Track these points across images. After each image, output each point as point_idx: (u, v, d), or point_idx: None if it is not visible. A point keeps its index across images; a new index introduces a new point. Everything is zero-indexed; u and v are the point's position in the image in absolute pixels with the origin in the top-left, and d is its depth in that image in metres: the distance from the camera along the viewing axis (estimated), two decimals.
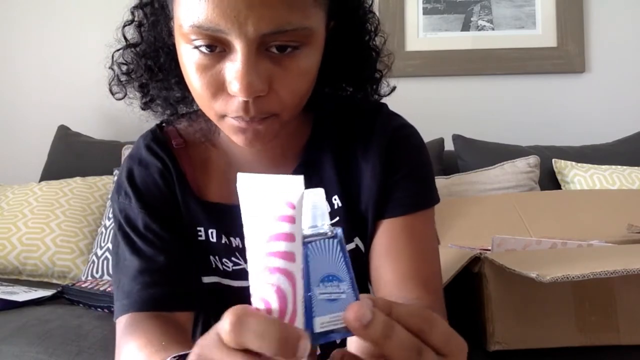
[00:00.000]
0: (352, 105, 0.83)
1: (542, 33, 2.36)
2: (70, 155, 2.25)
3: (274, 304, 0.41)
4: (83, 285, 1.46)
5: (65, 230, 1.85)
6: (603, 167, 1.98)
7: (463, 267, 1.05)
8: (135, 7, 0.77)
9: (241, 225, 0.74)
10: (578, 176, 1.96)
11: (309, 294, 0.43)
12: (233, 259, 0.78)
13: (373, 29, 0.81)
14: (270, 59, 0.64)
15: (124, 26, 0.80)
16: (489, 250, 1.18)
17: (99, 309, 1.39)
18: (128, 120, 0.89)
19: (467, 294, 1.15)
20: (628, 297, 1.02)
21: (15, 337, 1.19)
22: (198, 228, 0.79)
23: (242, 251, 0.77)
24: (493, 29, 2.39)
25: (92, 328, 1.24)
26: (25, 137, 2.56)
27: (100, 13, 2.56)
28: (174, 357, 0.56)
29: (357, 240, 0.78)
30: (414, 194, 0.78)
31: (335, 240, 0.43)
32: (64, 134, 2.35)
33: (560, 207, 1.72)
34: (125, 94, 0.82)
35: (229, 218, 0.78)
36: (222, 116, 0.67)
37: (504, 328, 1.01)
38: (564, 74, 2.36)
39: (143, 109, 0.82)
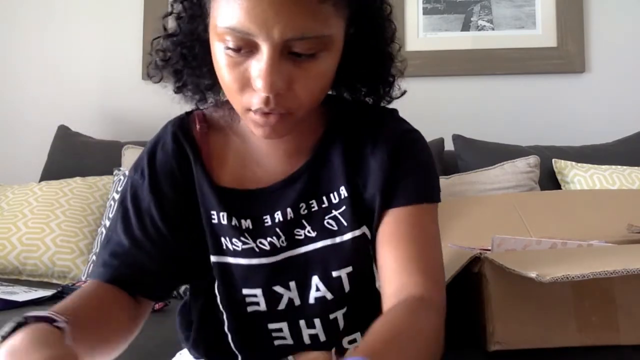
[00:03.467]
0: (365, 108, 0.88)
1: (542, 33, 2.37)
2: (70, 155, 2.25)
3: None
4: (83, 286, 1.46)
5: (65, 230, 1.85)
6: (603, 167, 1.98)
7: (463, 267, 1.05)
8: (175, 1, 0.82)
9: (252, 208, 0.81)
10: (578, 176, 1.96)
11: None
12: (242, 238, 0.82)
13: (389, 36, 0.85)
14: (292, 62, 0.70)
15: (164, 17, 0.84)
16: (489, 250, 1.18)
17: None
18: (128, 120, 0.91)
19: (467, 294, 1.15)
20: (628, 297, 1.02)
21: None
22: (212, 212, 0.83)
23: (251, 232, 0.82)
24: (493, 29, 2.39)
25: None
26: (25, 137, 2.56)
27: (101, 14, 2.57)
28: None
29: (364, 229, 0.81)
30: (418, 187, 0.82)
31: None
32: (64, 134, 2.35)
33: (560, 207, 1.72)
34: (162, 78, 0.87)
35: (240, 202, 0.83)
36: (247, 109, 0.73)
37: (504, 328, 1.00)
38: (564, 74, 2.36)
39: (176, 92, 0.87)
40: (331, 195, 0.83)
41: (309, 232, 0.82)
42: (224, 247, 0.83)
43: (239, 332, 0.84)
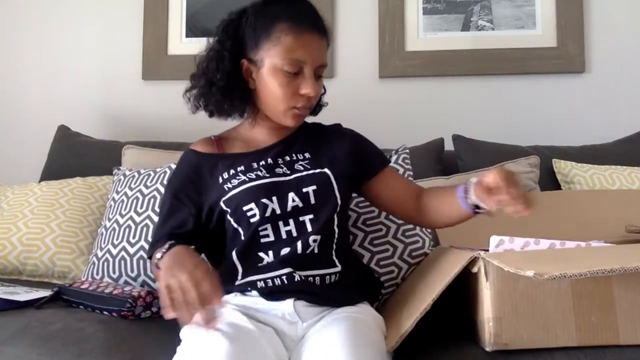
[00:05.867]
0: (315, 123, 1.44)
1: (542, 33, 2.37)
2: (70, 155, 2.25)
3: None
4: (82, 287, 1.45)
5: (65, 230, 1.85)
6: (603, 167, 1.97)
7: (462, 268, 1.05)
8: (212, 48, 1.33)
9: (245, 159, 1.31)
10: (578, 176, 1.96)
11: None
12: (237, 177, 1.26)
13: None
14: (316, 79, 1.26)
15: (202, 60, 1.34)
16: (489, 250, 1.18)
17: (105, 312, 1.38)
18: (128, 120, 0.92)
19: (466, 294, 1.16)
20: (628, 297, 1.02)
21: (17, 338, 1.19)
22: (220, 178, 1.29)
23: (243, 172, 1.27)
24: (493, 29, 2.39)
25: (94, 332, 1.24)
26: (25, 137, 2.56)
27: (100, 14, 2.57)
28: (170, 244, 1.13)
29: (325, 170, 1.28)
30: (382, 157, 1.42)
31: None
32: (64, 134, 2.35)
33: (560, 207, 1.72)
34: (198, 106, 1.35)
35: (237, 158, 1.31)
36: (292, 108, 1.25)
37: (503, 328, 1.01)
38: (564, 74, 2.36)
39: (210, 115, 1.37)
40: (298, 155, 1.31)
41: (285, 171, 1.27)
42: (226, 189, 1.25)
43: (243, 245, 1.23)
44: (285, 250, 1.20)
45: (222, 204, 1.24)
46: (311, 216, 1.23)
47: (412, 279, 1.41)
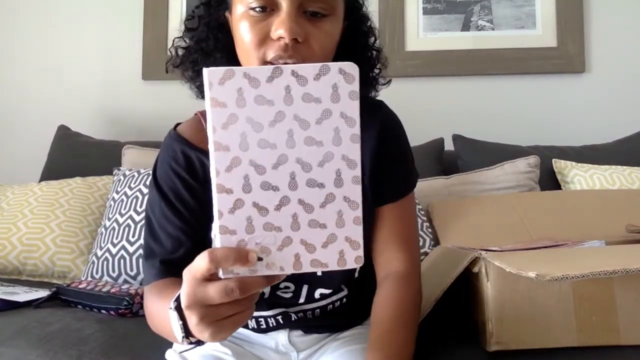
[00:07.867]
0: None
1: (542, 33, 2.37)
2: (70, 155, 2.25)
3: None
4: (80, 287, 1.45)
5: (65, 230, 1.85)
6: (603, 167, 1.97)
7: (464, 269, 1.05)
8: (198, 6, 0.99)
9: None
10: (578, 176, 1.96)
11: None
12: None
13: (373, 42, 1.04)
14: (307, 20, 0.85)
15: (186, 20, 1.01)
16: (489, 250, 1.18)
17: (103, 311, 1.38)
18: (128, 120, 0.92)
19: (467, 294, 1.15)
20: (629, 298, 1.02)
21: (15, 339, 1.19)
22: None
23: None
24: (493, 29, 2.39)
25: (93, 332, 1.24)
26: (25, 137, 2.56)
27: (101, 14, 2.57)
28: (174, 301, 0.71)
29: None
30: (403, 181, 1.03)
31: None
32: (64, 134, 2.35)
33: (560, 207, 1.72)
34: (179, 64, 1.04)
35: None
36: (264, 63, 0.85)
37: (504, 328, 1.01)
38: (564, 74, 2.36)
39: (188, 81, 1.06)
40: None
41: None
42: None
43: None
44: (285, 296, 0.99)
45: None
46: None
47: None
